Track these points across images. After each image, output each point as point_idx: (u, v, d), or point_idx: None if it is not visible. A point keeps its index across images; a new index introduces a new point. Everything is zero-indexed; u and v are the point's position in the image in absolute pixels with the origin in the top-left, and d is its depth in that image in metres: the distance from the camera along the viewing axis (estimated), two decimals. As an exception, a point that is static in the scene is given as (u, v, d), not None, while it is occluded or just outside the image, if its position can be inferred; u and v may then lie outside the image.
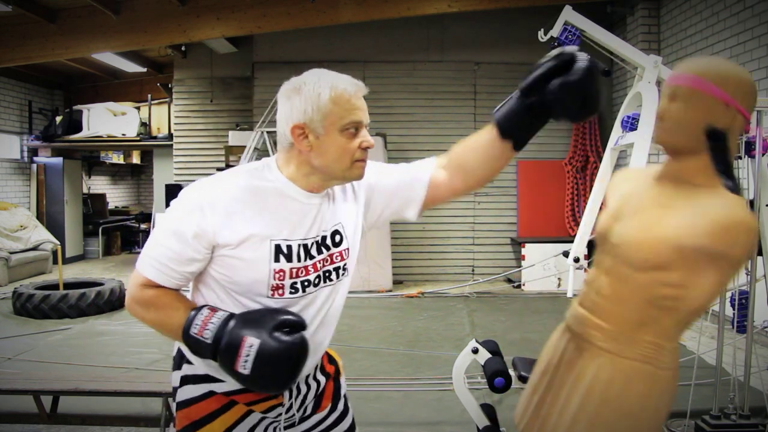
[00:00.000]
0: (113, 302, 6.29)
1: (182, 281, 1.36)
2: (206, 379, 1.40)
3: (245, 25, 7.09)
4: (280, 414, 1.44)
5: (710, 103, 1.34)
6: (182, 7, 6.94)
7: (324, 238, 1.41)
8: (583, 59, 1.33)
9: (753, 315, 3.19)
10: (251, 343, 1.24)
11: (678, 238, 1.31)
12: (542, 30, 3.18)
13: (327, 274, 1.42)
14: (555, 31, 3.08)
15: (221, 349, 1.26)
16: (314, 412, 1.51)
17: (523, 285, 7.50)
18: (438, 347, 5.01)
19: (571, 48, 1.38)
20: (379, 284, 7.33)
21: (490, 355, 1.80)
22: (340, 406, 1.57)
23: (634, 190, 1.53)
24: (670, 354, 1.42)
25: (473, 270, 8.34)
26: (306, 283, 1.38)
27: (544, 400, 1.57)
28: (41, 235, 8.72)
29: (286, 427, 1.47)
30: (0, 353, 4.75)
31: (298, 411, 1.47)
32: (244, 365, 1.24)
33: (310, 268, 1.38)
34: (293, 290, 1.36)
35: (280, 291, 1.35)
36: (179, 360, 1.45)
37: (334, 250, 1.43)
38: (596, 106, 1.37)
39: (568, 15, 3.09)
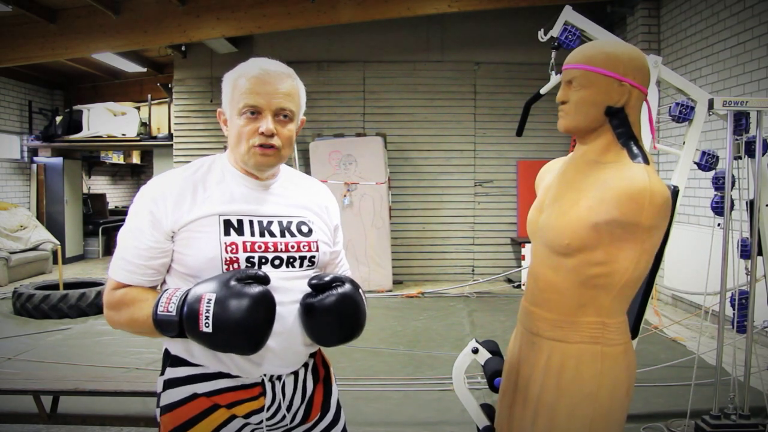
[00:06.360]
0: (113, 302, 6.28)
1: (152, 276, 1.38)
2: (188, 380, 1.37)
3: (245, 25, 7.08)
4: (262, 421, 1.39)
5: (604, 83, 1.41)
6: (182, 7, 6.94)
7: (289, 222, 1.43)
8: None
9: (753, 315, 3.19)
10: (209, 297, 1.22)
11: (591, 217, 1.35)
12: (542, 30, 3.18)
13: (291, 260, 1.40)
14: (555, 31, 3.08)
15: (184, 316, 1.23)
16: (303, 422, 1.46)
17: (523, 285, 7.47)
18: (438, 347, 5.01)
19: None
20: (379, 284, 7.33)
21: (490, 355, 1.79)
22: (330, 416, 1.51)
23: (553, 180, 1.57)
24: (616, 330, 1.44)
25: (473, 270, 8.34)
26: (263, 260, 1.37)
27: (513, 402, 1.58)
28: (41, 235, 8.72)
29: None
30: (0, 353, 4.75)
31: (288, 412, 1.42)
32: (206, 322, 1.21)
33: (270, 245, 1.38)
34: (249, 265, 1.35)
35: (235, 265, 1.34)
36: (163, 364, 1.43)
37: (300, 238, 1.43)
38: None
39: (568, 15, 3.09)
